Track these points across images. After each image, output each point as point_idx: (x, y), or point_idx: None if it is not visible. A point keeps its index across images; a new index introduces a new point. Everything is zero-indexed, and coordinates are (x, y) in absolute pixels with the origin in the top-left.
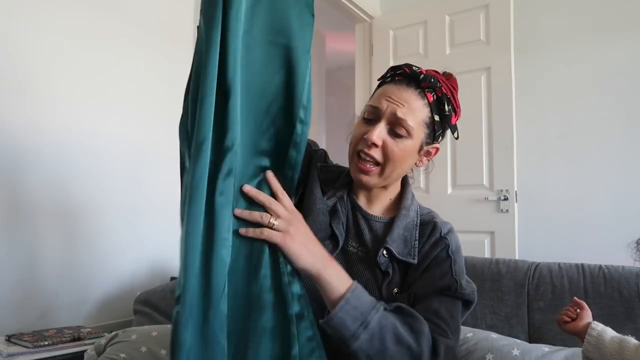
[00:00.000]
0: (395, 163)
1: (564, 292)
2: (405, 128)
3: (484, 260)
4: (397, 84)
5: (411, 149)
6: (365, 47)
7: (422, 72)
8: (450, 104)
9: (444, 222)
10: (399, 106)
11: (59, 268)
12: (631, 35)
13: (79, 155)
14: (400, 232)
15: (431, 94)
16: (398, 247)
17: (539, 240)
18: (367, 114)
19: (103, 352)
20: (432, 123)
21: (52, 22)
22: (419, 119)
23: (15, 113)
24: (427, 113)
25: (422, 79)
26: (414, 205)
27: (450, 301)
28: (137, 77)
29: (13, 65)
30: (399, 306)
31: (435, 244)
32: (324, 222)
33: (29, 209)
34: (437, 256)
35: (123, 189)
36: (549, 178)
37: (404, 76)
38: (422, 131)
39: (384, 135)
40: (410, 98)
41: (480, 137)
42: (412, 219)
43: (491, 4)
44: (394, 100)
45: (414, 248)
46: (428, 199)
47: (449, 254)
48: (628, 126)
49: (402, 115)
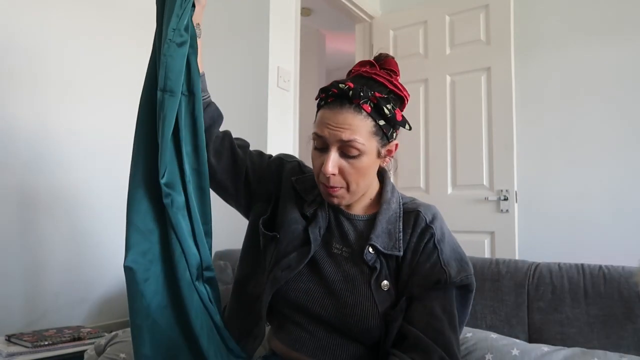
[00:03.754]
0: (359, 179)
1: (564, 292)
2: (355, 147)
3: (484, 260)
4: (331, 107)
5: (369, 161)
6: (365, 47)
7: (350, 86)
8: (389, 102)
9: (427, 207)
10: (340, 131)
11: (59, 268)
12: (631, 36)
13: (79, 155)
14: (384, 227)
15: (367, 104)
16: (383, 241)
17: (539, 240)
18: (316, 143)
19: (103, 352)
20: (380, 128)
21: (55, 22)
22: (365, 133)
23: (18, 114)
24: (370, 123)
25: (352, 95)
26: (394, 197)
27: (442, 296)
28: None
29: (17, 64)
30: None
31: (421, 235)
32: (297, 230)
33: (29, 209)
34: (425, 248)
35: (123, 189)
36: (549, 178)
37: (335, 97)
38: (374, 140)
39: (338, 162)
40: (348, 118)
41: (480, 137)
42: (395, 211)
43: (491, 4)
44: (334, 127)
45: (399, 240)
46: (428, 199)
47: (435, 245)
48: (628, 126)
49: (347, 138)
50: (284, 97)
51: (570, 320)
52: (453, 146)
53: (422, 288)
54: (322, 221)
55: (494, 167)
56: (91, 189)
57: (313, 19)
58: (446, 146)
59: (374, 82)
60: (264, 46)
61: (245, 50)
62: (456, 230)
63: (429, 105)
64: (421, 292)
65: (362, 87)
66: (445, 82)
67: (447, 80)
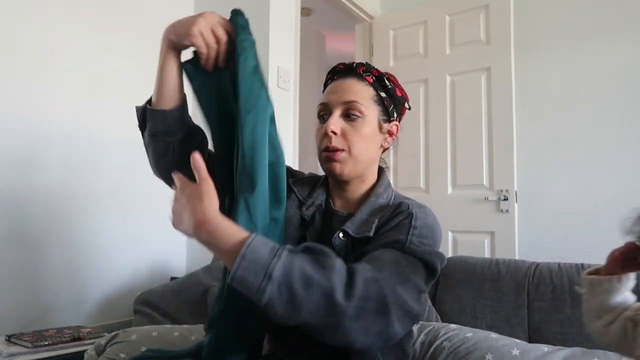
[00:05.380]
0: (361, 144)
1: (564, 292)
2: (357, 109)
3: (484, 260)
4: (336, 80)
5: (370, 127)
6: (365, 47)
7: (354, 63)
8: (389, 81)
9: (416, 204)
10: (344, 93)
11: (59, 268)
12: (631, 36)
13: (79, 155)
14: (364, 217)
15: (369, 76)
16: (356, 228)
17: (539, 240)
18: (320, 111)
19: (103, 352)
20: (381, 99)
21: (57, 22)
22: (367, 98)
23: (18, 113)
24: (372, 91)
25: (356, 66)
26: (386, 194)
27: (396, 253)
28: (138, 76)
29: (19, 64)
30: (307, 246)
31: (397, 213)
32: (293, 233)
33: (29, 209)
34: (398, 222)
35: (123, 189)
36: (549, 178)
37: (340, 72)
38: (375, 108)
39: (340, 122)
40: (352, 84)
41: (480, 137)
42: (380, 205)
43: (491, 4)
44: (338, 92)
45: (372, 224)
46: (428, 199)
47: (410, 222)
48: (628, 126)
49: (350, 98)
50: (284, 97)
51: (570, 320)
52: (453, 146)
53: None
54: (319, 225)
55: (494, 167)
56: (91, 189)
57: (313, 19)
58: (446, 146)
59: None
60: (264, 46)
61: None
62: (456, 230)
63: (429, 105)
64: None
65: (365, 63)
66: (445, 82)
67: (447, 80)
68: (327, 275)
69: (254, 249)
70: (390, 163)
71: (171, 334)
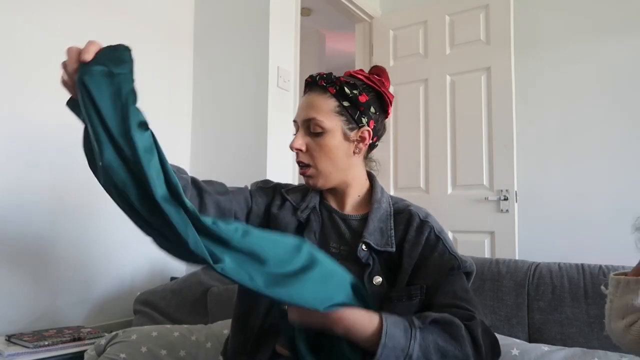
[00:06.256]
0: (325, 158)
1: (564, 292)
2: (317, 124)
3: (484, 260)
4: (305, 95)
5: (334, 141)
6: (365, 47)
7: (320, 74)
8: (356, 88)
9: (418, 207)
10: (306, 110)
11: (59, 268)
12: (631, 35)
13: (78, 155)
14: (376, 225)
15: (332, 87)
16: (375, 239)
17: (539, 240)
18: (294, 129)
19: (103, 352)
20: (344, 109)
21: (54, 21)
22: (327, 111)
23: (17, 112)
24: (334, 103)
25: (318, 79)
26: (384, 198)
27: (459, 279)
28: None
29: (16, 63)
30: (434, 319)
31: (419, 229)
32: None
33: (28, 209)
34: (428, 240)
35: None
36: (549, 178)
37: (308, 85)
38: (337, 120)
39: (305, 139)
40: (315, 99)
41: (480, 137)
42: (385, 210)
43: (491, 4)
44: (302, 108)
45: (391, 237)
46: (428, 199)
47: (437, 235)
48: (628, 126)
49: (309, 116)
50: (284, 97)
51: (570, 320)
52: (453, 146)
53: (437, 276)
54: (316, 225)
55: (494, 167)
56: (92, 189)
57: (313, 19)
58: (446, 146)
59: (352, 77)
60: (264, 46)
61: (245, 50)
62: (456, 230)
63: (429, 105)
64: (437, 281)
65: (330, 74)
66: (445, 82)
67: (447, 80)
68: (460, 345)
69: (391, 335)
70: (390, 163)
71: (171, 334)
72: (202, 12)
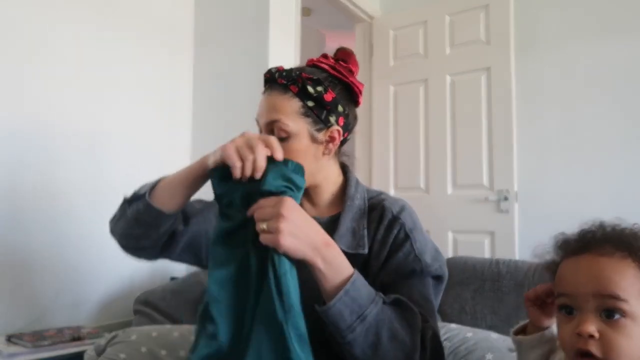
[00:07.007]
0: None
1: None
2: (281, 128)
3: (484, 260)
4: (265, 93)
5: (300, 145)
6: (365, 47)
7: (279, 69)
8: (320, 84)
9: (394, 201)
10: (268, 112)
11: (59, 268)
12: (631, 35)
13: (78, 155)
14: (348, 225)
15: (293, 85)
16: (347, 241)
17: (539, 240)
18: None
19: (103, 353)
20: (309, 109)
21: (57, 22)
22: (291, 114)
23: (17, 113)
24: (297, 103)
25: (277, 76)
26: (359, 193)
27: (419, 283)
28: (138, 76)
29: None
30: (397, 299)
31: (389, 226)
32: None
33: (29, 209)
34: (396, 238)
35: (123, 188)
36: (549, 178)
37: (267, 81)
38: (302, 122)
39: None
40: (276, 100)
41: (480, 137)
42: (359, 207)
43: (491, 4)
44: (263, 110)
45: (363, 238)
46: (428, 199)
47: (407, 234)
48: (628, 126)
49: (271, 118)
50: None
51: None
52: (453, 146)
53: (397, 276)
54: None
55: (494, 167)
56: (92, 189)
57: (313, 19)
58: (446, 146)
59: (316, 69)
60: (264, 46)
61: (246, 50)
62: (456, 230)
63: (429, 105)
64: (396, 280)
65: (291, 70)
66: (445, 82)
67: (447, 80)
68: (412, 335)
69: (357, 288)
70: (390, 163)
71: (171, 334)
72: (202, 12)
